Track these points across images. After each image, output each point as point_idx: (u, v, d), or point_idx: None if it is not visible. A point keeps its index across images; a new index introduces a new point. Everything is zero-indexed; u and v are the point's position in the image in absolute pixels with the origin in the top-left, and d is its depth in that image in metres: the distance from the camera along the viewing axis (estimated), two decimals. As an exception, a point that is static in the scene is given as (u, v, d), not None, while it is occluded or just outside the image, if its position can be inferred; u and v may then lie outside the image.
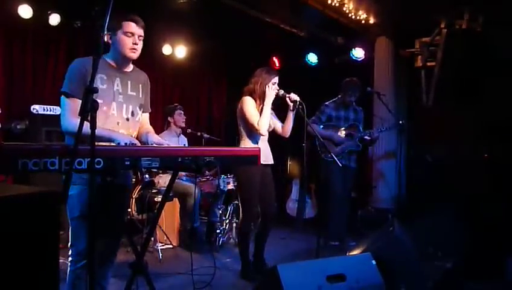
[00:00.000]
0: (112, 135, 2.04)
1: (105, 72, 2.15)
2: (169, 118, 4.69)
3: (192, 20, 5.03)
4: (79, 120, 1.47)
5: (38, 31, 4.80)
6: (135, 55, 2.19)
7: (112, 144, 1.99)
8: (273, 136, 3.50)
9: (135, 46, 2.16)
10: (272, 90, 3.21)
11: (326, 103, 4.37)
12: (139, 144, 2.03)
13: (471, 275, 3.09)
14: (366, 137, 4.33)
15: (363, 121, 4.47)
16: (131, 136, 2.23)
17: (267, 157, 3.38)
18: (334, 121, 4.33)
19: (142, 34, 2.19)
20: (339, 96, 4.37)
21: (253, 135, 3.30)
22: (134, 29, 2.14)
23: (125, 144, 1.90)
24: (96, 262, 2.19)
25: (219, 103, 7.17)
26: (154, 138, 2.30)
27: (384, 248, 2.70)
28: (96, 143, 1.97)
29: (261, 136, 3.33)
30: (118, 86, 2.20)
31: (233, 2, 4.55)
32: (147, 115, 2.46)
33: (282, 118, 3.44)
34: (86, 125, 1.49)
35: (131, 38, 2.14)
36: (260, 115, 3.23)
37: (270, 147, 3.45)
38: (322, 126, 4.31)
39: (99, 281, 2.28)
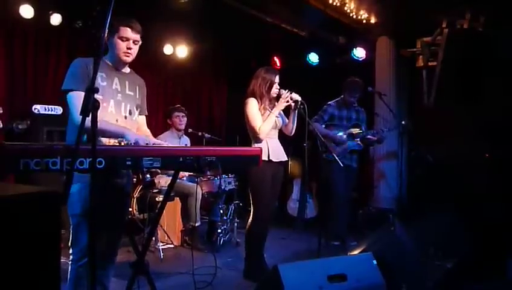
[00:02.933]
0: (125, 131, 2.07)
1: (105, 71, 2.20)
2: (168, 120, 4.69)
3: (193, 20, 5.03)
4: (90, 115, 1.50)
5: (39, 31, 4.81)
6: (129, 59, 2.26)
7: (114, 142, 2.01)
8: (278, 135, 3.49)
9: (129, 51, 2.22)
10: (284, 102, 3.19)
11: (329, 103, 4.39)
12: (152, 141, 2.04)
13: (472, 275, 3.08)
14: (369, 137, 4.33)
15: (366, 122, 4.48)
16: None
17: (278, 154, 3.34)
18: (337, 121, 4.33)
19: (138, 39, 2.24)
20: (341, 96, 4.39)
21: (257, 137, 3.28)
22: (129, 34, 2.19)
23: (129, 143, 1.92)
24: (98, 261, 2.20)
25: (220, 103, 7.17)
26: (153, 140, 2.32)
27: (385, 248, 2.70)
28: (107, 138, 2.02)
29: (270, 135, 3.29)
30: (116, 84, 2.25)
31: (235, 1, 4.55)
32: (143, 118, 2.49)
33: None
34: (99, 122, 1.50)
35: (126, 43, 2.20)
36: (264, 120, 3.22)
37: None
38: (324, 125, 4.32)
39: (101, 280, 2.28)
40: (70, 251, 2.15)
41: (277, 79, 3.29)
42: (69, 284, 2.14)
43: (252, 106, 3.26)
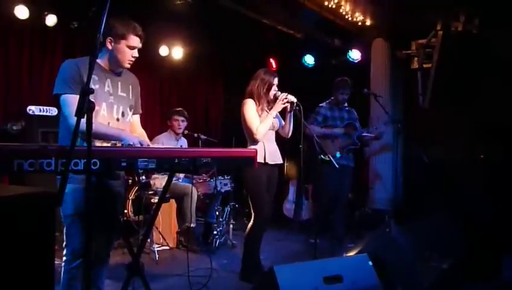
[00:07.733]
0: (121, 134, 2.07)
1: (97, 73, 2.15)
2: (168, 121, 4.68)
3: (189, 21, 5.03)
4: (85, 117, 1.49)
5: (34, 31, 4.78)
6: (129, 66, 2.26)
7: (107, 145, 2.00)
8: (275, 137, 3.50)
9: (133, 59, 2.23)
10: (281, 104, 3.20)
11: (320, 104, 4.40)
12: (149, 143, 2.04)
13: (467, 276, 3.09)
14: (365, 134, 4.35)
15: (358, 120, 4.51)
16: None
17: (274, 157, 3.34)
18: (330, 121, 4.34)
19: (140, 46, 2.24)
20: (332, 97, 4.42)
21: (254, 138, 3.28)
22: (137, 43, 2.19)
23: (132, 144, 1.92)
24: (91, 262, 2.19)
25: (216, 104, 7.16)
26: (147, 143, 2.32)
27: (380, 249, 2.71)
28: (103, 141, 2.02)
29: (267, 136, 3.30)
30: (108, 86, 2.22)
31: (231, 3, 4.56)
32: (138, 118, 2.47)
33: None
34: (94, 125, 1.50)
35: (132, 51, 2.20)
36: (261, 121, 3.23)
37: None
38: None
39: (95, 281, 2.27)
40: (64, 253, 2.13)
41: (276, 81, 3.30)
42: (61, 287, 2.12)
43: (250, 107, 3.26)
